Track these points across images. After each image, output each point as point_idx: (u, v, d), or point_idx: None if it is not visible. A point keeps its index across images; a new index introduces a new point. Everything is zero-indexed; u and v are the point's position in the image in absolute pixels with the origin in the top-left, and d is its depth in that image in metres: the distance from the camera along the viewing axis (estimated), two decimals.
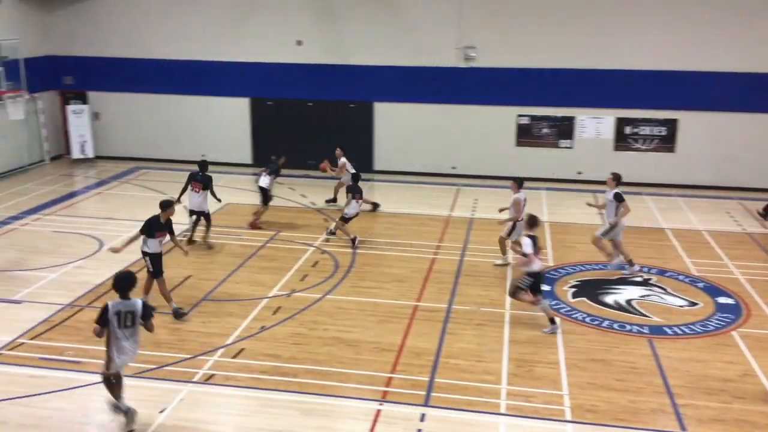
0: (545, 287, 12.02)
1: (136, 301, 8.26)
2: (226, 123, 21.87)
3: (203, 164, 14.79)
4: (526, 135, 20.68)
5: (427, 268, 13.66)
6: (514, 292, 11.20)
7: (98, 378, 9.30)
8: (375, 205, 17.56)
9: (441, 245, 14.98)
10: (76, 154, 22.28)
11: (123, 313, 8.10)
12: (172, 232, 11.44)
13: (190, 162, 21.26)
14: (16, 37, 19.55)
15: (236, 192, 18.95)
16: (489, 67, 20.32)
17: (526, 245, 10.94)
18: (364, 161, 21.39)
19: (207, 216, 14.60)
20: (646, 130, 20.07)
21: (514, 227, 13.48)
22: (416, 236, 15.58)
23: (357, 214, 15.11)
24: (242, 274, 13.21)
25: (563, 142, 20.60)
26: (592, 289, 12.71)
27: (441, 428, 8.53)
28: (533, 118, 20.58)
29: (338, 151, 17.40)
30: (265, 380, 9.45)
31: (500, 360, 10.10)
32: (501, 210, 14.11)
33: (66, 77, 22.58)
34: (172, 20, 21.49)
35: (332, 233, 15.26)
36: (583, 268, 13.79)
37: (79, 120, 22.19)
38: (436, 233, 15.81)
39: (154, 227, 11.17)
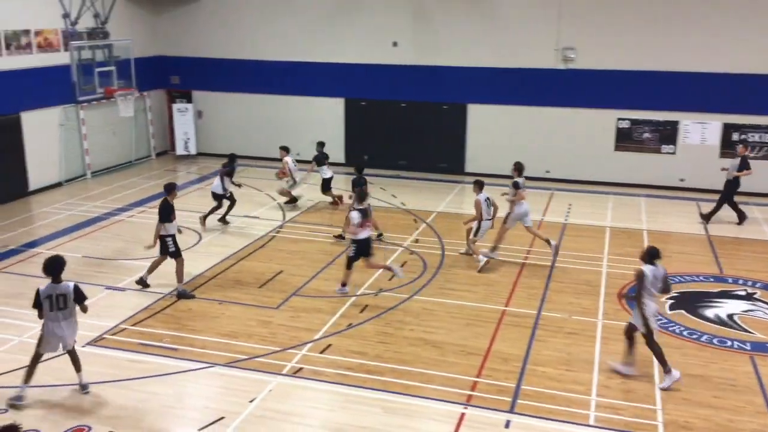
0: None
1: (68, 284, 8.59)
2: (320, 122, 22.28)
3: (233, 157, 16.34)
4: (625, 139, 20.00)
5: (517, 273, 13.45)
6: (348, 263, 12.11)
7: (193, 365, 9.72)
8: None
9: (531, 250, 14.71)
10: (180, 150, 23.30)
11: (54, 296, 8.47)
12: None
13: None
14: (128, 38, 20.61)
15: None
16: (588, 69, 19.80)
17: (354, 218, 11.95)
18: (455, 163, 21.33)
19: (231, 197, 15.98)
20: (755, 137, 19.00)
21: (479, 227, 13.64)
22: (507, 240, 15.34)
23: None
24: (331, 271, 13.42)
25: (665, 148, 19.80)
26: (691, 302, 12.16)
27: None
28: (634, 122, 19.89)
29: (281, 153, 17.57)
30: (351, 377, 9.56)
31: (591, 370, 9.82)
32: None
33: (173, 77, 23.65)
34: (273, 22, 22.11)
35: (342, 237, 15.15)
36: (682, 280, 13.21)
37: (183, 118, 23.20)
38: (526, 238, 15.52)
39: (169, 211, 11.94)
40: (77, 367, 9.00)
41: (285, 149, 17.74)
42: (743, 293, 12.58)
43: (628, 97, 19.73)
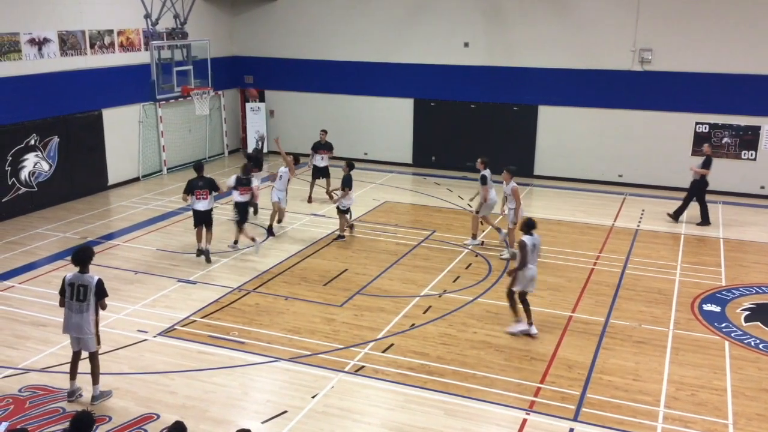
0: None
1: (93, 276, 8.57)
2: (389, 123, 22.38)
3: (257, 159, 17.17)
4: (704, 144, 19.21)
5: (585, 279, 13.17)
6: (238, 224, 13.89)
7: (259, 359, 9.92)
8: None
9: (601, 256, 14.38)
10: (251, 148, 23.76)
11: (76, 286, 8.49)
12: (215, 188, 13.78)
13: (353, 159, 22.04)
14: (206, 38, 21.17)
15: (395, 191, 19.33)
16: (666, 71, 19.20)
17: (231, 181, 14.06)
18: (524, 165, 21.04)
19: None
20: None
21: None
22: (575, 245, 15.07)
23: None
24: (396, 271, 13.46)
25: (746, 153, 19.01)
26: None
27: None
28: (713, 126, 19.18)
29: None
30: (412, 377, 9.57)
31: (659, 381, 9.52)
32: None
33: (247, 76, 24.19)
34: (344, 23, 22.34)
35: (344, 235, 15.18)
36: (759, 291, 12.67)
37: (256, 117, 23.71)
38: (596, 243, 15.20)
39: (193, 186, 13.60)
40: (94, 378, 8.81)
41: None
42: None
43: (707, 100, 19.04)
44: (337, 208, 15.16)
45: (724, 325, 11.20)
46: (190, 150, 22.31)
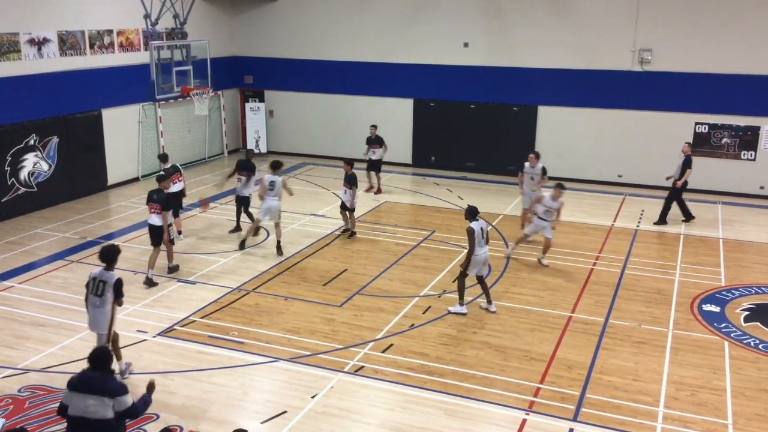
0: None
1: (113, 274, 8.93)
2: (389, 123, 22.32)
3: (250, 152, 16.40)
4: (703, 144, 19.31)
5: (584, 279, 13.17)
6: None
7: (258, 359, 9.92)
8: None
9: (601, 256, 14.38)
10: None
11: (97, 281, 8.86)
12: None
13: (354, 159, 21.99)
14: (205, 38, 21.17)
15: (395, 191, 19.33)
16: (666, 71, 19.21)
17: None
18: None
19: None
20: None
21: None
22: (575, 245, 15.07)
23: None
24: (395, 271, 13.46)
25: (745, 154, 19.02)
26: (767, 314, 11.65)
27: None
28: (712, 126, 19.18)
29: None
30: (412, 377, 9.57)
31: (659, 381, 9.53)
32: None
33: (246, 76, 24.19)
34: (344, 24, 22.33)
35: (353, 233, 15.24)
36: (759, 291, 12.67)
37: (255, 117, 23.71)
38: (596, 243, 15.20)
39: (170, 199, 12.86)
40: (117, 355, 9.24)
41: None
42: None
43: (706, 100, 19.04)
44: (343, 205, 15.25)
45: (723, 325, 11.21)
46: (190, 150, 22.31)
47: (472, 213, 11.47)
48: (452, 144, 21.75)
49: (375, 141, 18.87)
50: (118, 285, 8.95)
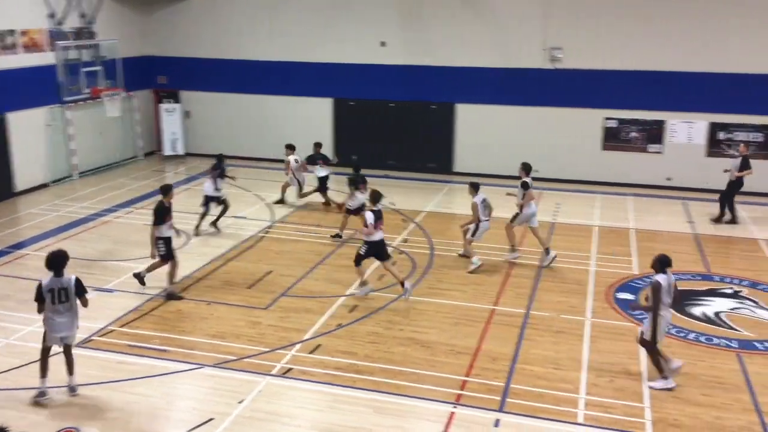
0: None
1: (70, 278, 8.71)
2: (308, 123, 22.25)
3: (221, 157, 16.13)
4: (613, 139, 20.11)
5: (506, 273, 13.49)
6: (357, 260, 12.10)
7: (182, 366, 9.68)
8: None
9: (520, 249, 14.75)
10: (167, 150, 23.20)
11: (56, 290, 8.60)
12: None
13: (273, 160, 21.79)
14: (115, 38, 20.50)
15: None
16: (576, 68, 19.88)
17: (369, 218, 11.83)
18: (444, 163, 21.37)
19: (224, 201, 15.60)
20: (741, 136, 19.13)
21: (477, 228, 13.60)
22: (495, 239, 15.39)
23: (362, 206, 15.03)
24: (321, 271, 13.41)
25: (652, 147, 19.92)
26: (679, 300, 12.22)
27: None
28: (621, 121, 19.99)
29: (286, 151, 17.66)
30: (341, 377, 9.56)
31: (579, 369, 9.86)
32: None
33: (160, 77, 23.54)
34: (260, 22, 22.06)
35: (338, 236, 15.22)
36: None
37: (171, 118, 23.11)
38: (516, 237, 15.56)
39: (165, 212, 11.86)
40: (70, 368, 8.99)
41: (290, 147, 17.76)
42: (730, 291, 12.68)
43: (615, 96, 19.84)
44: (346, 208, 15.33)
45: (637, 312, 11.68)
46: (103, 153, 21.54)
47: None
48: (373, 143, 21.83)
49: (317, 158, 17.94)
50: (80, 283, 8.77)
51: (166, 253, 11.99)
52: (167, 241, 11.97)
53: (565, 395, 9.17)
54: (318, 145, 18.13)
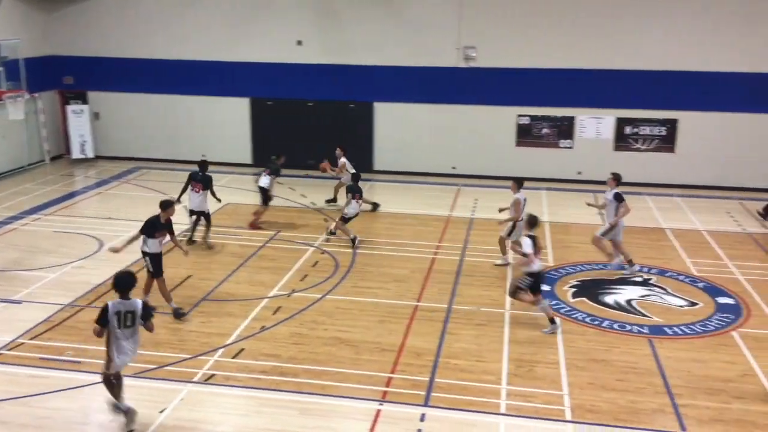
0: (545, 287, 12.04)
1: (136, 301, 8.24)
2: (225, 123, 21.88)
3: (203, 164, 14.80)
4: (526, 135, 20.68)
5: (428, 268, 13.66)
6: (514, 292, 11.21)
7: (98, 378, 9.32)
8: (375, 205, 17.57)
9: (441, 245, 14.98)
10: (76, 154, 22.29)
11: (123, 314, 8.09)
12: (172, 232, 11.43)
13: (189, 162, 21.29)
14: (16, 38, 19.54)
15: (236, 192, 18.95)
16: (489, 67, 20.32)
17: (527, 245, 10.93)
18: (364, 161, 21.39)
19: (207, 216, 14.61)
20: (646, 130, 20.06)
21: (514, 227, 13.48)
22: (416, 236, 15.58)
23: (357, 214, 15.10)
24: (242, 274, 13.21)
25: (563, 142, 20.60)
26: (592, 289, 12.71)
27: (441, 428, 8.53)
28: (533, 118, 20.58)
29: (338, 151, 17.38)
30: (265, 380, 9.45)
31: (500, 360, 10.10)
32: (501, 210, 14.05)
33: (66, 77, 22.58)
34: (173, 20, 21.49)
35: (332, 233, 15.26)
36: (583, 268, 13.79)
37: (79, 120, 22.20)
38: (436, 233, 15.81)
39: (155, 227, 11.18)
40: (121, 390, 8.34)
41: (342, 148, 17.34)
42: (640, 279, 13.26)
43: (527, 94, 20.39)
44: (342, 216, 14.90)
45: (554, 302, 12.07)
46: (6, 158, 20.54)
47: (519, 182, 13.17)
48: (293, 142, 21.61)
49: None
50: (147, 307, 8.34)
51: (155, 271, 11.27)
52: (156, 257, 11.22)
53: (487, 386, 9.36)
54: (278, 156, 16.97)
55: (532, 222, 11.48)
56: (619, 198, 13.16)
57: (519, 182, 13.66)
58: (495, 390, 9.29)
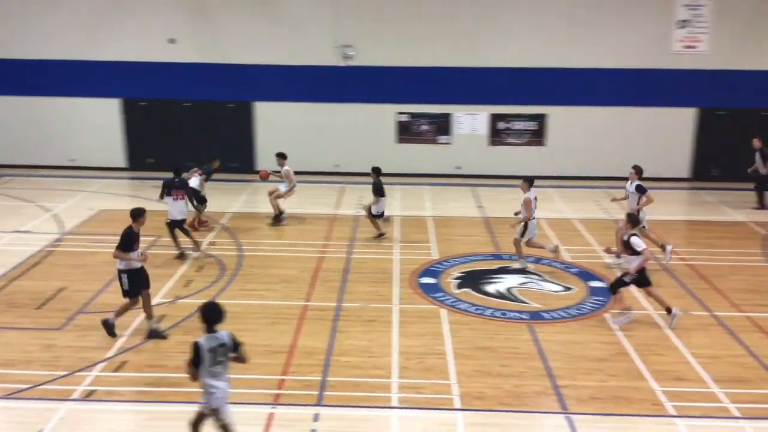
0: (432, 279, 12.32)
1: (224, 333, 7.43)
2: (95, 125, 20.87)
3: (179, 170, 14.35)
4: (406, 132, 21.08)
5: (315, 268, 13.63)
6: (615, 288, 11.24)
7: None
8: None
9: (328, 244, 14.99)
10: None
11: (216, 348, 7.30)
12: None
13: (58, 167, 20.20)
14: None
15: (109, 198, 18.11)
16: (367, 65, 20.53)
17: (638, 243, 10.89)
18: (245, 162, 21.07)
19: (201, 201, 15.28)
20: (518, 125, 20.96)
21: (525, 227, 13.33)
22: (303, 236, 15.51)
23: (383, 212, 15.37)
24: None
25: (442, 138, 21.15)
26: (474, 280, 13.14)
27: (335, 427, 8.55)
28: (412, 115, 21.00)
29: (280, 160, 16.63)
30: (151, 392, 9.12)
31: (390, 354, 10.24)
32: (516, 213, 13.61)
33: None
34: (33, 18, 20.22)
35: (381, 234, 15.35)
36: (465, 260, 14.23)
37: None
38: (322, 232, 15.81)
39: (132, 239, 10.38)
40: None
41: (281, 156, 16.52)
42: (518, 267, 13.84)
43: (405, 92, 20.79)
44: (371, 213, 15.15)
45: (439, 294, 12.39)
46: None
47: (529, 181, 13.05)
48: (170, 144, 20.96)
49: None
50: (235, 338, 7.41)
51: (131, 289, 10.39)
52: (133, 274, 10.37)
53: (379, 381, 9.47)
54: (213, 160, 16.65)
55: (634, 221, 11.58)
56: (641, 189, 13.64)
57: (529, 181, 13.35)
58: (386, 384, 9.42)
